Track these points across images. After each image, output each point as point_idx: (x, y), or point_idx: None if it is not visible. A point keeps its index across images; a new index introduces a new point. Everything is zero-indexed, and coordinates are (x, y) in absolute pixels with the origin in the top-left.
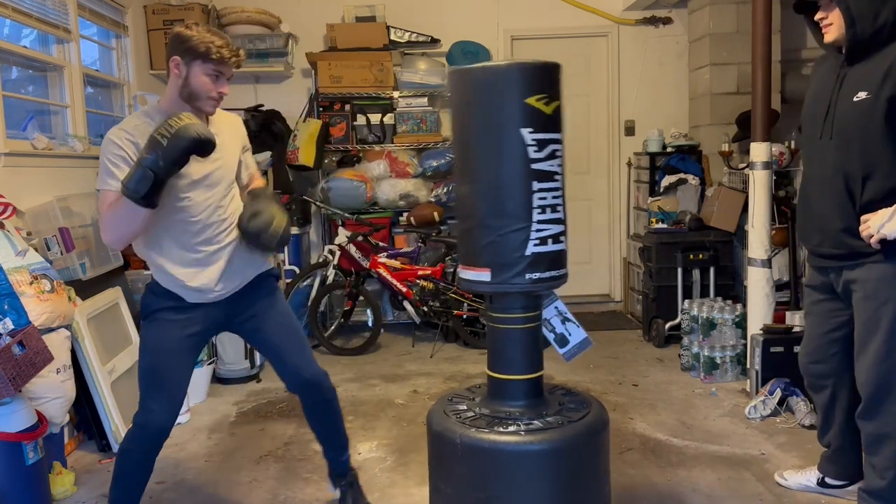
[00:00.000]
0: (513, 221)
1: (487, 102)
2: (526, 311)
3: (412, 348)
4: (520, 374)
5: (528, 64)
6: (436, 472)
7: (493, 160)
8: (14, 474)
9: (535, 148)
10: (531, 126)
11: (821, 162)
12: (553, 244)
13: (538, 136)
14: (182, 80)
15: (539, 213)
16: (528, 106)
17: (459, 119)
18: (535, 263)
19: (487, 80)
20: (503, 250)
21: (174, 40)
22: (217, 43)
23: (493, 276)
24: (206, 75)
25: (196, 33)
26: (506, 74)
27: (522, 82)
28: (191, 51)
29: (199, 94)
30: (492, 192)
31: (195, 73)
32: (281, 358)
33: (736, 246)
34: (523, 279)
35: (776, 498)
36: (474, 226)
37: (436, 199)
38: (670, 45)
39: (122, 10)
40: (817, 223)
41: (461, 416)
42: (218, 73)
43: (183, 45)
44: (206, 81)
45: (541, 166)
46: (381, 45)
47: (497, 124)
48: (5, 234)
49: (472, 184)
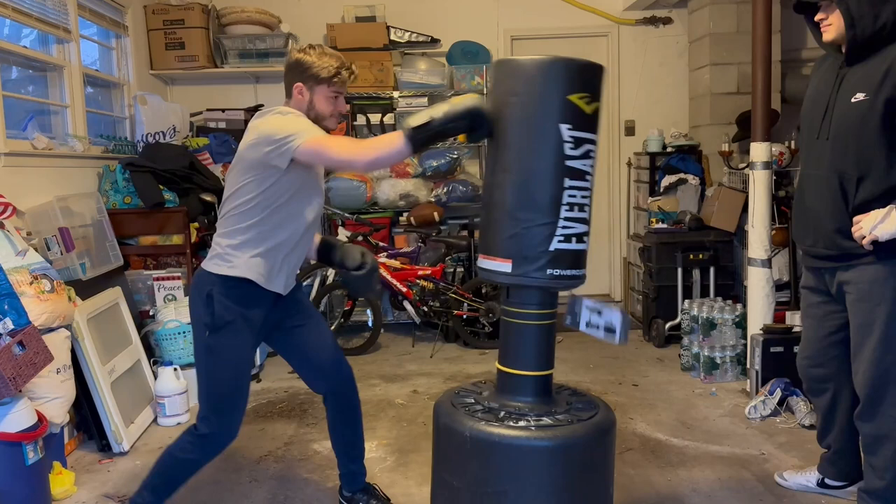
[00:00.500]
0: (540, 215)
1: (530, 94)
2: (543, 308)
3: (412, 348)
4: (531, 370)
5: (575, 61)
6: (441, 465)
7: (528, 152)
8: (14, 474)
9: (572, 145)
10: (570, 123)
11: (817, 162)
12: (577, 243)
13: (576, 134)
14: (307, 104)
15: (567, 210)
16: (569, 102)
17: (499, 108)
18: (558, 260)
19: (533, 73)
20: (527, 243)
21: (296, 67)
22: (335, 65)
23: (514, 267)
24: (329, 98)
25: (314, 58)
26: (551, 68)
27: (567, 78)
28: (314, 77)
29: (324, 115)
30: (523, 183)
31: (319, 98)
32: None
33: (736, 246)
34: (544, 274)
35: (776, 498)
36: (501, 216)
37: (436, 199)
38: (670, 45)
39: (122, 10)
40: (812, 223)
41: (470, 409)
42: (338, 93)
43: (306, 72)
44: (329, 103)
45: (575, 164)
46: (381, 45)
47: (536, 117)
48: (5, 234)
49: (504, 173)
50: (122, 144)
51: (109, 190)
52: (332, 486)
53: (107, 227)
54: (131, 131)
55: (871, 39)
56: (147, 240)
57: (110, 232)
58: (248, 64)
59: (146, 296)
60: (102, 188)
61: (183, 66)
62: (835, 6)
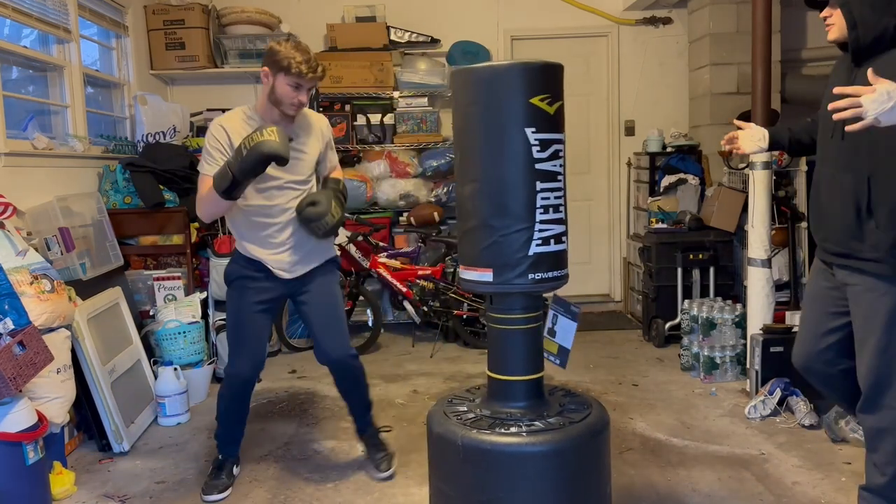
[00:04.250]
0: (516, 221)
1: (491, 102)
2: (527, 312)
3: (412, 348)
4: (521, 375)
5: (532, 64)
6: (436, 474)
7: (496, 160)
8: (14, 474)
9: (539, 148)
10: (534, 126)
11: (832, 161)
12: (555, 244)
13: (541, 136)
14: (269, 88)
15: (542, 213)
16: (531, 106)
17: (462, 118)
18: (538, 264)
19: (491, 80)
20: (506, 250)
21: (267, 53)
22: (298, 59)
23: (496, 276)
24: (288, 86)
25: (283, 49)
26: (509, 74)
27: (526, 82)
28: (276, 64)
29: (281, 100)
30: (495, 192)
31: (279, 84)
32: (316, 336)
33: (736, 246)
34: (526, 279)
35: (776, 498)
36: (476, 226)
37: (436, 199)
38: (670, 45)
39: (122, 10)
40: (825, 220)
41: (462, 418)
42: (297, 84)
43: (271, 58)
44: (288, 91)
45: (544, 166)
46: (381, 45)
47: (500, 124)
48: (5, 234)
49: (475, 183)
50: (123, 144)
51: (109, 190)
52: (331, 485)
53: (107, 227)
54: (131, 131)
55: (873, 43)
56: (147, 240)
57: (110, 232)
58: (248, 64)
59: (146, 296)
60: (102, 188)
61: (183, 66)
62: (837, 6)
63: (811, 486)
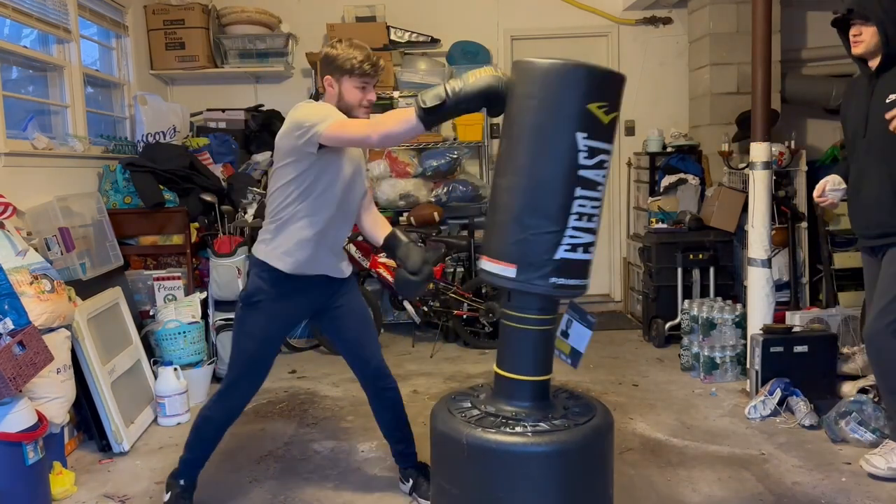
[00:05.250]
0: (548, 223)
1: (548, 98)
2: (544, 314)
3: (412, 348)
4: (530, 375)
5: (597, 68)
6: (439, 472)
7: (540, 158)
8: (14, 474)
9: (586, 154)
10: (586, 131)
11: (865, 158)
12: (583, 253)
13: (591, 143)
14: (337, 95)
15: (576, 220)
16: (587, 111)
17: (515, 110)
18: (562, 269)
19: (554, 77)
20: (533, 250)
21: (324, 60)
22: (359, 58)
23: (519, 273)
24: (356, 88)
25: (341, 51)
26: (572, 74)
27: (587, 86)
28: (339, 69)
29: (352, 105)
30: (533, 189)
31: (347, 88)
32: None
33: (736, 246)
34: (547, 282)
35: (776, 498)
36: (507, 219)
37: (436, 199)
38: (670, 45)
39: (122, 10)
40: (865, 210)
41: (467, 416)
42: (364, 84)
43: (332, 64)
44: (357, 94)
45: (587, 174)
46: (381, 45)
47: (553, 123)
48: (5, 234)
49: (514, 177)
50: (123, 144)
51: (109, 190)
52: (331, 485)
53: (107, 227)
54: (131, 131)
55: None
56: (147, 240)
57: (110, 232)
58: (248, 64)
59: (146, 296)
60: (102, 188)
61: (183, 66)
62: (871, 24)
63: (811, 487)
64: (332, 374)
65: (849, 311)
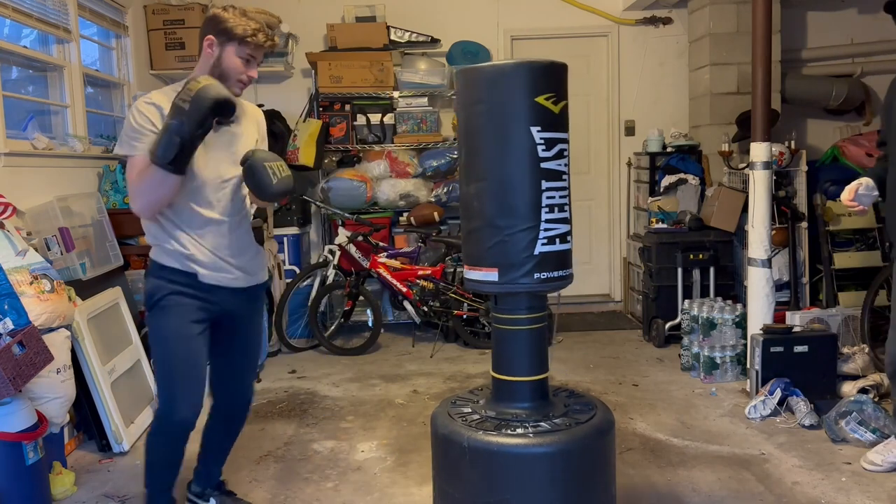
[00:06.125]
0: (521, 221)
1: (496, 101)
2: (532, 312)
3: (412, 348)
4: (526, 375)
5: (538, 63)
6: (441, 476)
7: (501, 159)
8: (14, 474)
9: (544, 146)
10: (540, 125)
11: None
12: (560, 244)
13: (547, 135)
14: (214, 60)
15: (547, 213)
16: (537, 105)
17: (467, 118)
18: (544, 263)
19: (496, 79)
20: (511, 250)
21: (210, 21)
22: (252, 27)
23: (501, 275)
24: (239, 58)
25: (233, 16)
26: (515, 73)
27: (531, 81)
28: (226, 32)
29: (229, 75)
30: (500, 191)
31: (228, 55)
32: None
33: (736, 246)
34: (531, 279)
35: (776, 498)
36: (481, 225)
37: (436, 199)
38: (670, 45)
39: (122, 10)
40: None
41: (467, 419)
42: (250, 56)
43: (219, 26)
44: (238, 64)
45: (549, 165)
46: (381, 45)
47: (506, 123)
48: (5, 234)
49: (480, 182)
50: None
51: (109, 190)
52: (331, 485)
53: (107, 227)
54: None
55: None
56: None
57: (110, 232)
58: None
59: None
60: (102, 188)
61: (183, 66)
62: None
63: (811, 487)
64: (332, 374)
65: (849, 311)
